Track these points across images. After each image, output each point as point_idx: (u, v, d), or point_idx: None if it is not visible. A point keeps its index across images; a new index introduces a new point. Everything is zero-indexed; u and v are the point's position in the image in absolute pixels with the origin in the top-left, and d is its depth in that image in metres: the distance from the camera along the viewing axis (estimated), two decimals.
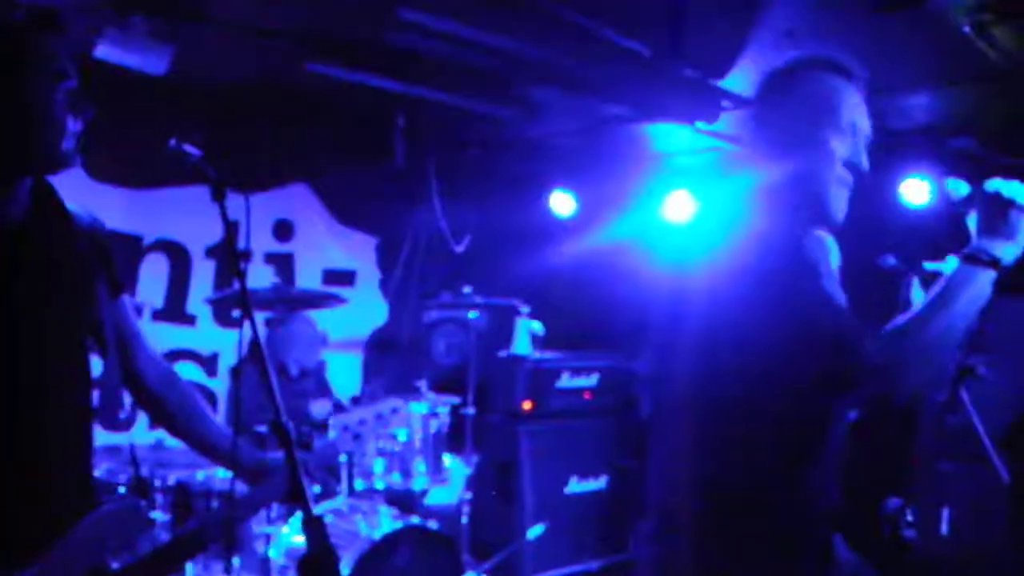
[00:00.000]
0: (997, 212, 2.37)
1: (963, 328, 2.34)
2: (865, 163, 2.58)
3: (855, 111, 2.59)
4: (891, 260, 4.35)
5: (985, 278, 2.34)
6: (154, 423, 3.03)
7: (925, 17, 4.65)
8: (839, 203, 2.57)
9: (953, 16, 4.60)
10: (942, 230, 2.46)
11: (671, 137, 7.45)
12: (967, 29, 4.69)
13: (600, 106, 6.40)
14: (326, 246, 7.85)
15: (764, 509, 2.44)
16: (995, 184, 2.40)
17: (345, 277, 7.95)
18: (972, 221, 2.42)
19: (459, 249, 8.21)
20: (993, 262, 2.34)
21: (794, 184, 2.55)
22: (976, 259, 2.35)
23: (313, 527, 2.18)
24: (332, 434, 3.50)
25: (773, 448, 2.44)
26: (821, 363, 2.31)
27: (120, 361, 2.84)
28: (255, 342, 2.28)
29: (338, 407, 6.65)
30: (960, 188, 2.47)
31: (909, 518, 2.67)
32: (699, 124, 6.07)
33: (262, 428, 5.45)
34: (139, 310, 6.66)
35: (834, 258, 2.80)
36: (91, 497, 2.64)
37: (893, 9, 4.69)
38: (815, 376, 2.32)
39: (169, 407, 2.94)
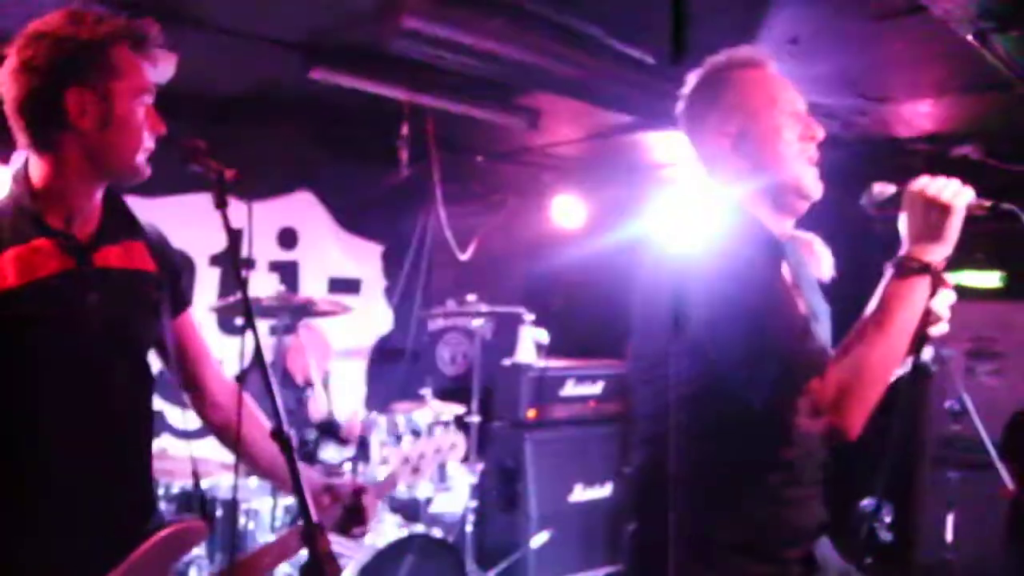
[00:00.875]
0: (924, 212, 2.28)
1: (905, 344, 2.27)
2: (820, 131, 2.57)
3: (784, 90, 2.60)
4: None
5: (920, 286, 2.27)
6: (222, 443, 2.99)
7: (928, 25, 4.64)
8: (812, 182, 2.56)
9: (956, 24, 4.59)
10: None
11: (675, 146, 7.45)
12: (970, 37, 4.68)
13: (604, 115, 6.40)
14: (331, 254, 7.86)
15: (734, 523, 2.45)
16: (921, 182, 2.31)
17: (350, 285, 7.96)
18: (902, 225, 2.34)
19: (464, 257, 8.21)
20: (924, 268, 2.27)
21: (760, 175, 2.56)
22: (908, 268, 2.28)
23: (314, 536, 2.16)
24: (391, 466, 3.49)
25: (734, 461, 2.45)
26: (771, 389, 2.29)
27: (182, 377, 2.86)
28: (258, 351, 2.26)
29: (330, 423, 6.67)
30: (886, 190, 2.42)
31: (886, 519, 2.63)
32: None
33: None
34: None
35: (825, 264, 2.79)
36: (154, 514, 2.64)
37: (895, 17, 4.68)
38: (766, 403, 2.31)
39: (236, 426, 2.90)
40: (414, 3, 4.39)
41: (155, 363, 2.75)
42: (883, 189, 2.42)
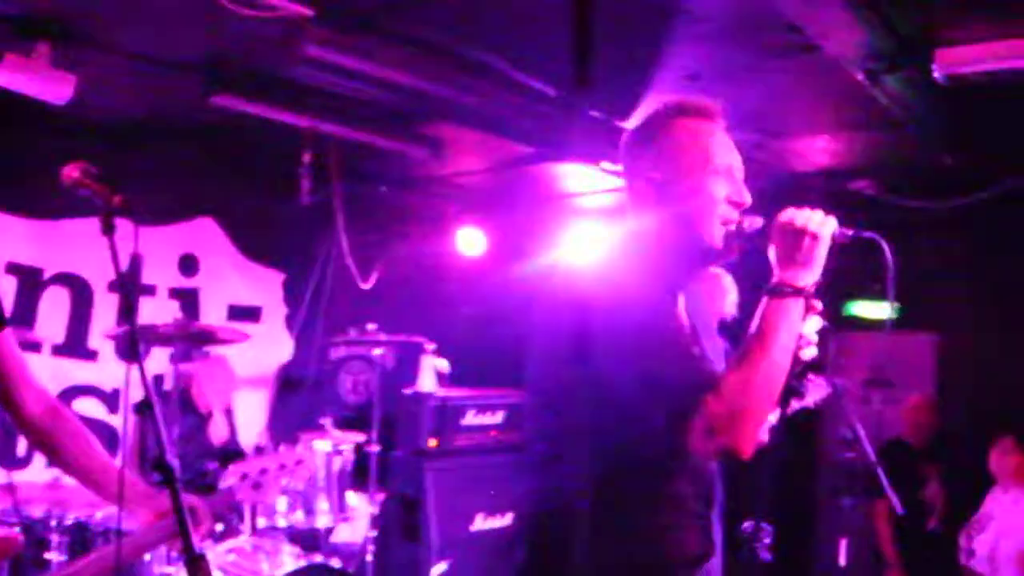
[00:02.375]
0: (792, 242, 2.40)
1: (787, 360, 2.36)
2: (747, 197, 2.59)
3: (723, 148, 2.61)
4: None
5: (795, 307, 2.38)
6: (45, 457, 3.00)
7: (821, 64, 4.76)
8: (719, 240, 2.58)
9: (847, 64, 4.71)
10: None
11: (578, 177, 7.51)
12: (860, 77, 4.81)
13: (507, 145, 6.43)
14: (232, 281, 7.77)
15: (622, 547, 2.46)
16: (788, 214, 2.43)
17: (251, 313, 7.87)
18: (772, 254, 2.45)
19: (366, 286, 8.18)
20: (797, 291, 2.38)
21: (673, 228, 2.57)
22: (781, 292, 2.38)
23: (196, 566, 2.14)
24: (230, 480, 3.40)
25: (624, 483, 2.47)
26: (666, 412, 2.35)
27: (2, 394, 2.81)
28: (144, 380, 2.24)
29: (234, 452, 6.60)
30: (755, 223, 2.51)
31: (766, 539, 2.68)
32: (605, 164, 6.14)
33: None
34: (38, 345, 6.53)
35: (731, 299, 2.84)
36: None
37: (791, 55, 4.79)
38: (663, 425, 2.37)
39: (55, 441, 2.89)
40: (316, 31, 4.38)
41: None
42: (752, 222, 2.52)
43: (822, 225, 2.41)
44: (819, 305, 2.44)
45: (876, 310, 7.30)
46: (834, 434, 6.96)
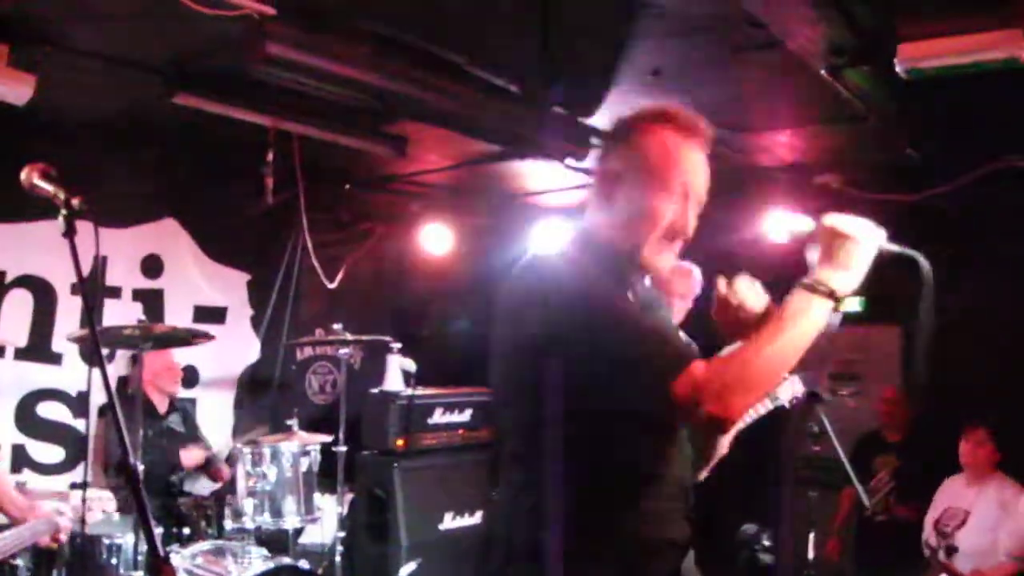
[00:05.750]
0: (834, 245, 2.41)
1: (796, 354, 2.37)
2: (690, 229, 2.58)
3: (690, 173, 2.57)
4: None
5: (822, 307, 2.38)
6: None
7: (784, 59, 4.78)
8: (657, 260, 2.57)
9: (809, 58, 4.73)
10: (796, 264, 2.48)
11: (543, 174, 7.52)
12: (823, 71, 4.83)
13: (472, 143, 6.42)
14: (196, 282, 7.71)
15: (603, 537, 2.46)
16: (832, 219, 2.44)
17: (216, 314, 7.82)
18: (812, 254, 2.46)
19: (332, 286, 8.16)
20: (830, 293, 2.39)
21: (616, 228, 2.57)
22: (815, 289, 2.39)
23: (158, 567, 2.13)
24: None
25: (607, 474, 2.47)
26: (637, 386, 2.34)
27: None
28: (106, 384, 2.23)
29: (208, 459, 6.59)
30: (806, 225, 2.53)
31: (766, 542, 2.70)
32: (569, 161, 6.14)
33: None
34: (1, 349, 6.47)
35: (696, 289, 2.83)
36: None
37: (754, 50, 4.80)
38: (635, 399, 2.37)
39: None
40: (278, 29, 4.35)
41: None
42: (803, 224, 2.54)
43: (865, 232, 2.43)
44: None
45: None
46: (801, 428, 6.99)
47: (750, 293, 2.52)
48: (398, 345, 7.33)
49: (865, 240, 2.42)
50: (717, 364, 2.30)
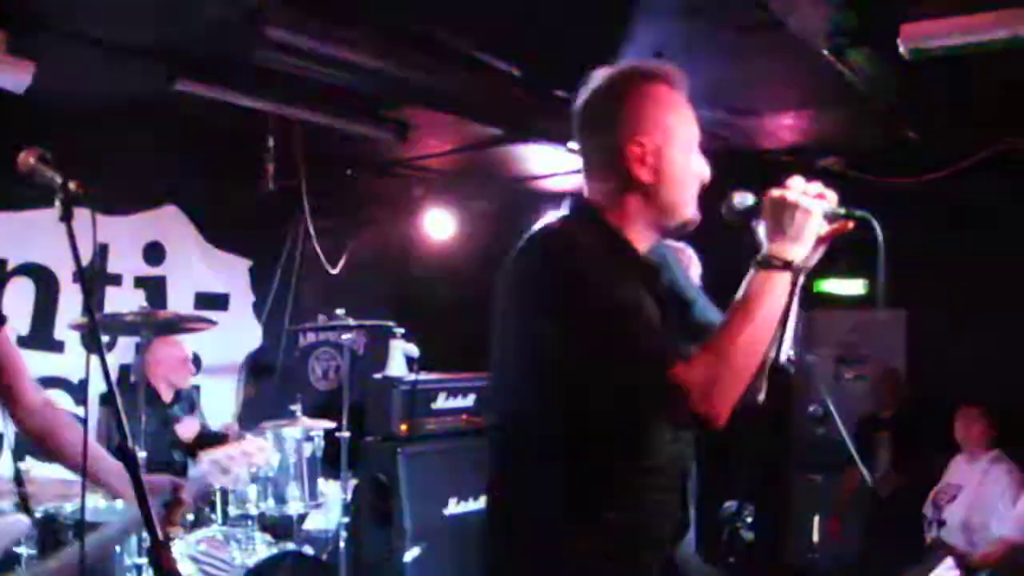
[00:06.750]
0: (784, 216, 2.38)
1: (769, 335, 2.35)
2: (708, 171, 2.57)
3: (685, 115, 2.56)
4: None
5: (782, 281, 2.36)
6: (40, 449, 3.09)
7: (787, 40, 4.75)
8: (694, 213, 2.57)
9: (811, 39, 4.71)
10: None
11: (546, 158, 7.50)
12: (825, 52, 4.81)
13: (474, 127, 6.41)
14: (198, 269, 7.72)
15: (596, 528, 2.44)
16: (780, 190, 2.41)
17: (217, 301, 7.83)
18: (760, 228, 2.43)
19: (334, 271, 8.15)
20: (786, 265, 2.36)
21: (639, 196, 2.53)
22: (770, 264, 2.36)
23: (159, 553, 2.13)
24: (202, 467, 3.49)
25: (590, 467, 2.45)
26: (623, 380, 2.33)
27: None
28: (105, 372, 2.23)
29: (207, 435, 6.57)
30: (746, 199, 2.48)
31: (748, 519, 2.67)
32: (571, 145, 6.12)
33: None
34: None
35: (694, 272, 2.81)
36: None
37: (756, 32, 4.78)
38: (621, 395, 2.35)
39: (52, 432, 2.99)
40: (278, 14, 4.34)
41: None
42: (743, 198, 2.48)
43: (814, 200, 2.40)
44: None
45: (845, 287, 7.35)
46: (805, 411, 7.00)
47: (810, 191, 2.44)
48: (401, 330, 7.33)
49: (811, 206, 2.39)
50: (696, 363, 2.27)
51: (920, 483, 7.02)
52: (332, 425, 6.38)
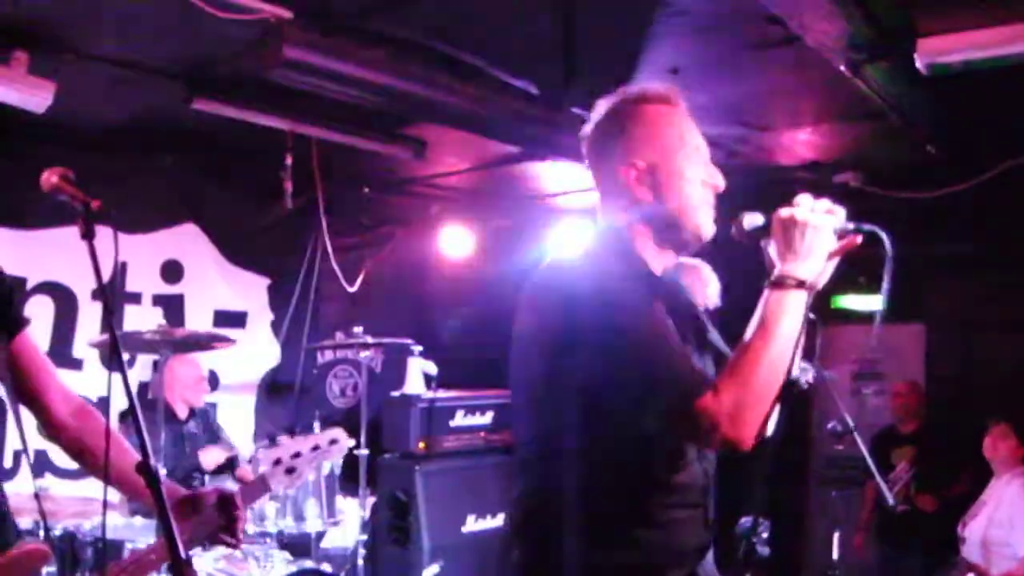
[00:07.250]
0: (792, 235, 2.38)
1: (789, 354, 2.34)
2: (720, 179, 2.59)
3: (692, 132, 2.59)
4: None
5: (797, 300, 2.36)
6: (75, 460, 2.98)
7: (803, 55, 4.75)
8: (709, 225, 2.58)
9: (828, 54, 4.70)
10: None
11: (562, 176, 7.50)
12: (843, 67, 4.80)
13: (491, 145, 6.41)
14: (216, 287, 7.74)
15: (620, 546, 2.44)
16: (788, 209, 2.42)
17: (236, 319, 7.84)
18: (771, 248, 2.44)
19: (352, 289, 8.16)
20: (799, 283, 2.36)
21: (656, 216, 2.56)
22: (783, 284, 2.37)
23: (181, 570, 2.11)
24: (263, 468, 3.35)
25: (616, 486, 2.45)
26: (654, 407, 2.33)
27: (24, 396, 2.80)
28: (127, 388, 2.22)
29: (230, 460, 6.57)
30: (755, 219, 2.49)
31: (764, 534, 2.66)
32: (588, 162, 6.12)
33: None
34: None
35: (712, 289, 2.81)
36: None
37: (773, 47, 4.78)
38: (651, 420, 2.35)
39: (85, 442, 2.90)
40: (294, 33, 4.36)
41: None
42: (752, 219, 2.49)
43: (823, 217, 2.41)
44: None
45: (864, 302, 7.32)
46: (824, 428, 6.98)
47: (818, 208, 2.43)
48: (419, 348, 7.33)
49: (820, 223, 2.39)
50: (722, 390, 2.27)
51: (945, 498, 6.99)
52: (351, 442, 6.37)
